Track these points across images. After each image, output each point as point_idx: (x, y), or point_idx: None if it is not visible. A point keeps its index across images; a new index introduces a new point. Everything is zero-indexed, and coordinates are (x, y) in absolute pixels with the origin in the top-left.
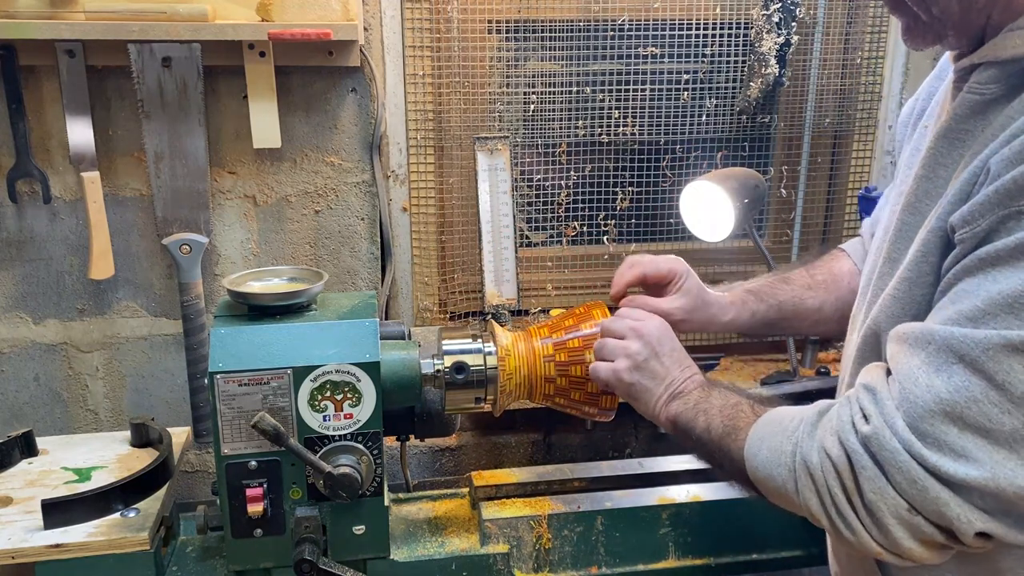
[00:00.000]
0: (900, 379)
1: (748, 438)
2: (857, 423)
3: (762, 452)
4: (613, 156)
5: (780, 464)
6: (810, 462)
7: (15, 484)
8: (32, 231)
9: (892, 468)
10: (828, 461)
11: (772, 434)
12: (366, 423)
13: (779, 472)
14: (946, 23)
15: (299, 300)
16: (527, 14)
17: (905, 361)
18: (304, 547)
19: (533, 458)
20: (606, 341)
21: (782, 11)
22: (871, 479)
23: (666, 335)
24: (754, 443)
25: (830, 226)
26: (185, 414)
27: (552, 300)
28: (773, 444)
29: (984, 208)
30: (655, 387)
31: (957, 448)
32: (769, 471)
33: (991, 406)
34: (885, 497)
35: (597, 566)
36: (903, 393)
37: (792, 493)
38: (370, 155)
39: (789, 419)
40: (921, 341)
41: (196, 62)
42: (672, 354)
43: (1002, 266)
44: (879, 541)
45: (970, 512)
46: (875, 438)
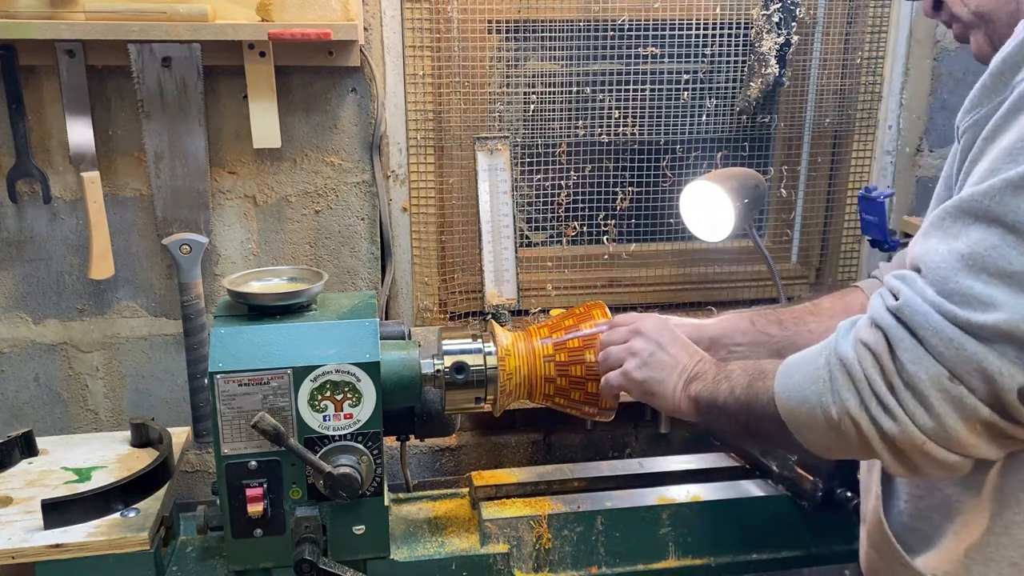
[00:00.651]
0: (921, 261)
1: (777, 375)
2: (888, 302)
3: (793, 379)
4: (613, 156)
5: (813, 380)
6: (846, 357)
7: (15, 484)
8: (32, 231)
9: (927, 332)
10: (864, 349)
11: (803, 360)
12: (366, 423)
13: (812, 390)
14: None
15: (299, 300)
16: (527, 14)
17: (922, 246)
18: (304, 547)
19: (533, 458)
20: (609, 350)
21: (782, 11)
22: (909, 349)
23: (665, 328)
24: (783, 376)
25: (830, 226)
26: (185, 414)
27: (552, 300)
28: (805, 367)
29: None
30: (668, 377)
31: (984, 298)
32: (802, 394)
33: (1010, 249)
34: (925, 366)
35: (597, 566)
36: (927, 268)
37: (828, 405)
38: (370, 155)
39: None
40: (935, 222)
41: (196, 62)
42: (676, 343)
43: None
44: (924, 426)
45: (1009, 365)
46: (906, 307)
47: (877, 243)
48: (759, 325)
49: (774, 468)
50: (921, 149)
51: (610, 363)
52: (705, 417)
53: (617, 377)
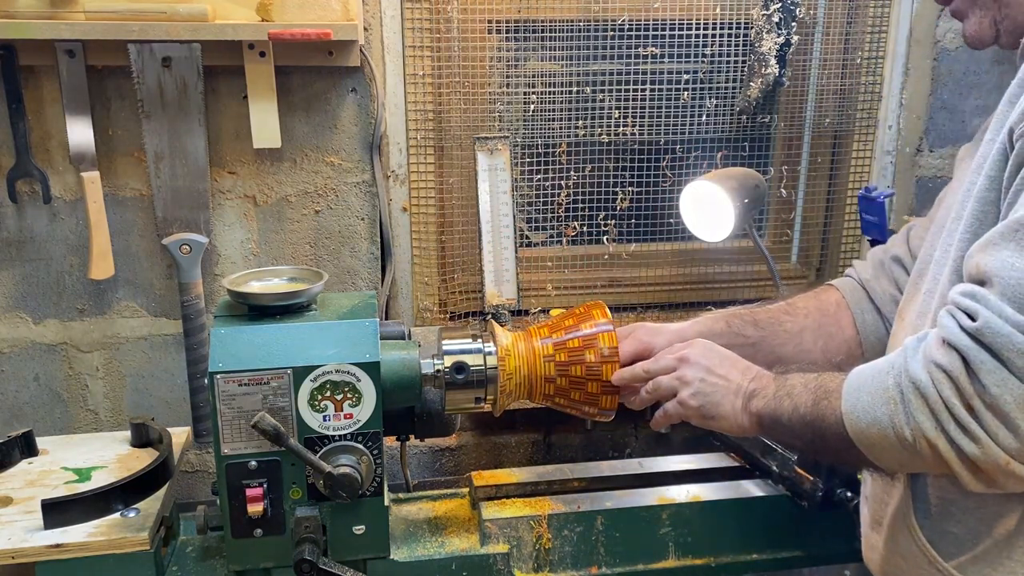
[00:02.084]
0: (993, 276)
1: (843, 395)
2: (964, 323)
3: (862, 399)
4: (613, 156)
5: (883, 401)
6: (919, 381)
7: (15, 484)
8: (32, 231)
9: (1011, 354)
10: (940, 372)
11: (869, 378)
12: (366, 423)
13: (883, 411)
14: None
15: (299, 300)
16: (527, 14)
17: (994, 259)
18: (304, 547)
19: (533, 458)
20: (659, 380)
21: (782, 11)
22: (991, 372)
23: (712, 350)
24: (850, 396)
25: (830, 226)
26: (185, 414)
27: (552, 300)
28: (873, 386)
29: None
30: (724, 399)
31: None
32: (872, 415)
33: None
34: (1010, 388)
35: (597, 566)
36: (1002, 284)
37: (901, 427)
38: (370, 155)
39: (884, 361)
40: (1005, 235)
41: (196, 62)
42: (724, 363)
43: None
44: (1007, 445)
45: None
46: (986, 329)
47: (877, 243)
48: (734, 327)
49: (774, 468)
50: (921, 149)
51: (661, 393)
52: (769, 433)
53: (674, 407)
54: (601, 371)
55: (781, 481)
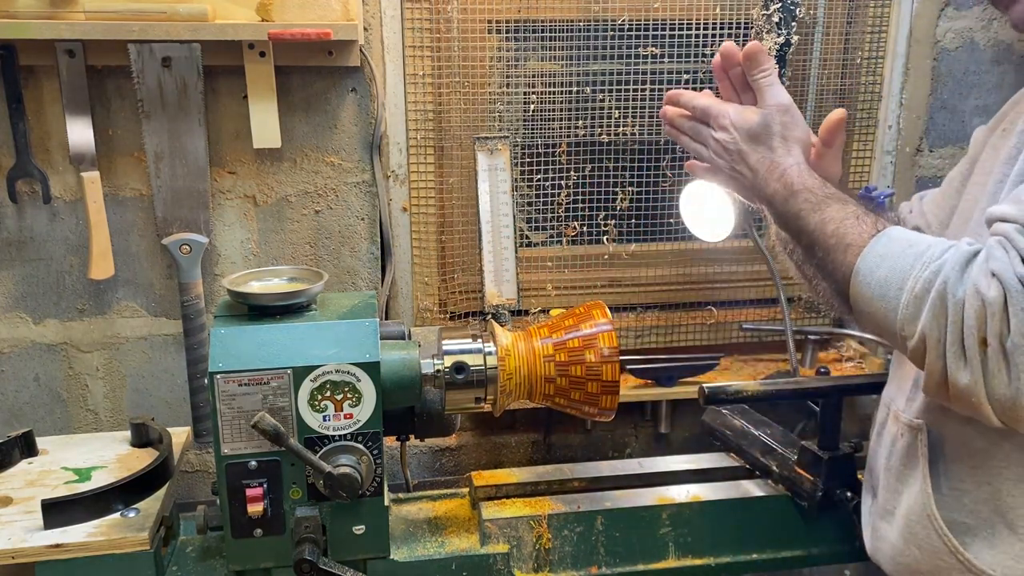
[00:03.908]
0: None
1: (864, 252)
2: (1015, 264)
3: (881, 270)
4: (613, 156)
5: (903, 287)
6: (953, 295)
7: (15, 484)
8: (32, 231)
9: None
10: (978, 299)
11: (899, 254)
12: (366, 423)
13: (896, 295)
14: None
15: (299, 300)
16: (527, 14)
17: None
18: (304, 547)
19: (533, 458)
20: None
21: (782, 11)
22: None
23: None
24: (872, 259)
25: None
26: (185, 414)
27: (552, 300)
28: (899, 265)
29: None
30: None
31: None
32: (884, 291)
33: None
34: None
35: (597, 566)
36: None
37: (907, 320)
38: (370, 155)
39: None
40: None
41: (196, 62)
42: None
43: None
44: (995, 388)
45: None
46: None
47: None
48: None
49: (774, 468)
50: (921, 149)
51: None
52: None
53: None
54: (601, 371)
55: (781, 481)
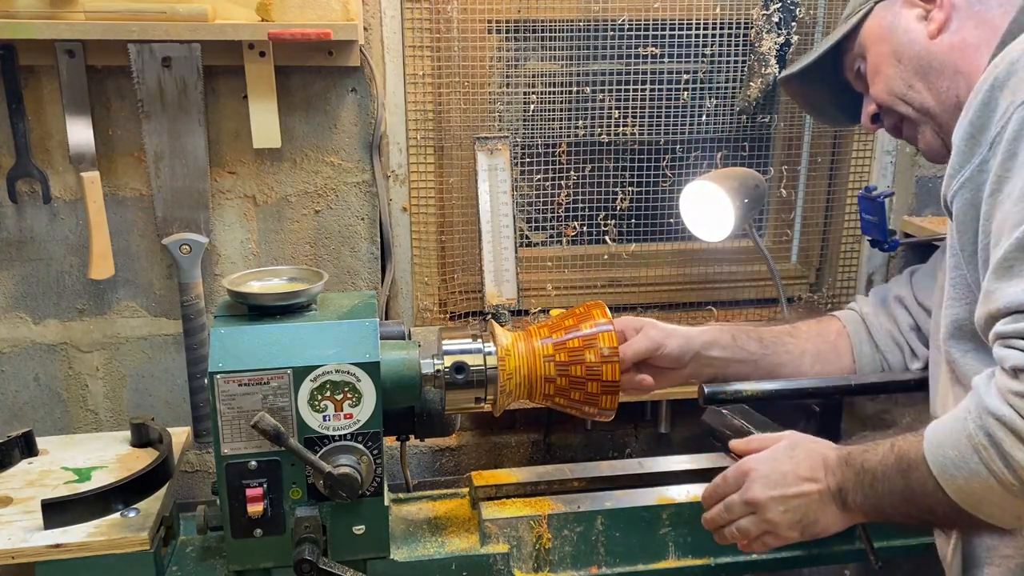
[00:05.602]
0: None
1: (928, 459)
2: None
3: (948, 455)
4: (613, 156)
5: (972, 450)
6: (1003, 416)
7: (15, 484)
8: (32, 231)
9: None
10: (1020, 399)
11: (948, 432)
12: (366, 423)
13: (976, 460)
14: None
15: (299, 300)
16: (527, 14)
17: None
18: (304, 547)
19: (533, 458)
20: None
21: (782, 11)
22: None
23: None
24: (936, 456)
25: (830, 226)
26: (185, 414)
27: (552, 300)
28: (956, 440)
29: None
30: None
31: None
32: (967, 467)
33: None
34: None
35: (597, 566)
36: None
37: (1002, 471)
38: (370, 155)
39: (956, 410)
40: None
41: (196, 62)
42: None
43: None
44: None
45: None
46: None
47: (877, 243)
48: (739, 341)
49: None
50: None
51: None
52: (877, 521)
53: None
54: (601, 371)
55: None
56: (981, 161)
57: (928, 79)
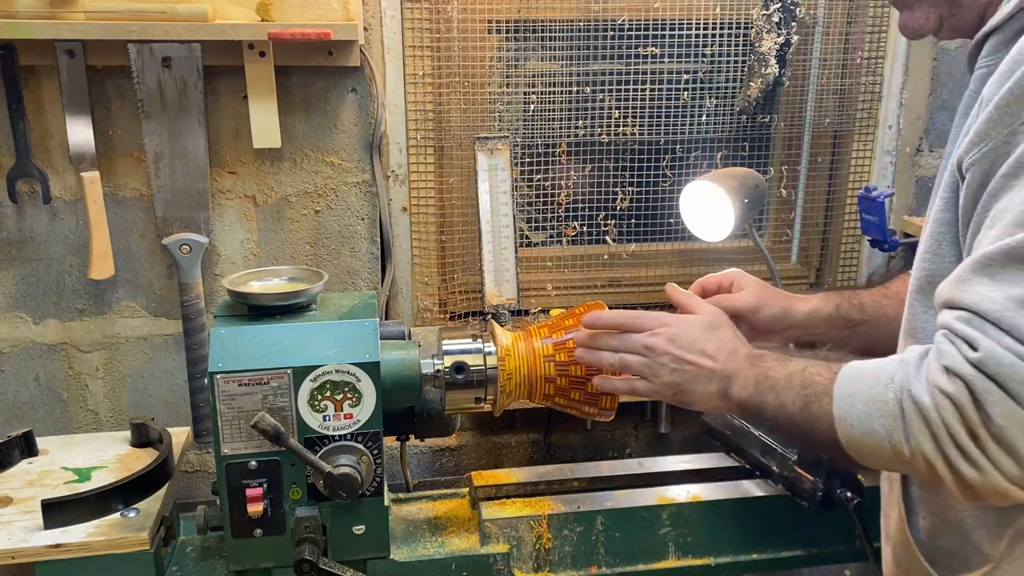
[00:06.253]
0: (977, 308)
1: (834, 399)
2: (965, 352)
3: (856, 408)
4: (613, 156)
5: (882, 415)
6: (922, 403)
7: (15, 484)
8: (32, 231)
9: (1016, 384)
10: (944, 399)
11: (865, 387)
12: (366, 423)
13: (881, 424)
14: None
15: (299, 300)
16: (527, 14)
17: (970, 293)
18: (304, 547)
19: (533, 458)
20: (627, 360)
21: (782, 11)
22: (997, 402)
23: (684, 329)
24: (844, 402)
25: (830, 226)
26: (185, 414)
27: (552, 300)
28: (870, 396)
29: (986, 127)
30: (698, 385)
31: None
32: (868, 426)
33: None
34: (1016, 418)
35: (597, 566)
36: (990, 316)
37: (900, 443)
38: (370, 155)
39: (880, 370)
40: (976, 270)
41: (196, 62)
42: (695, 345)
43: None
44: (1009, 472)
45: None
46: (990, 359)
47: (877, 243)
48: (842, 310)
49: (774, 468)
50: (921, 149)
51: (630, 371)
52: (750, 421)
53: (645, 386)
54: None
55: (781, 481)
56: (1010, 133)
57: None
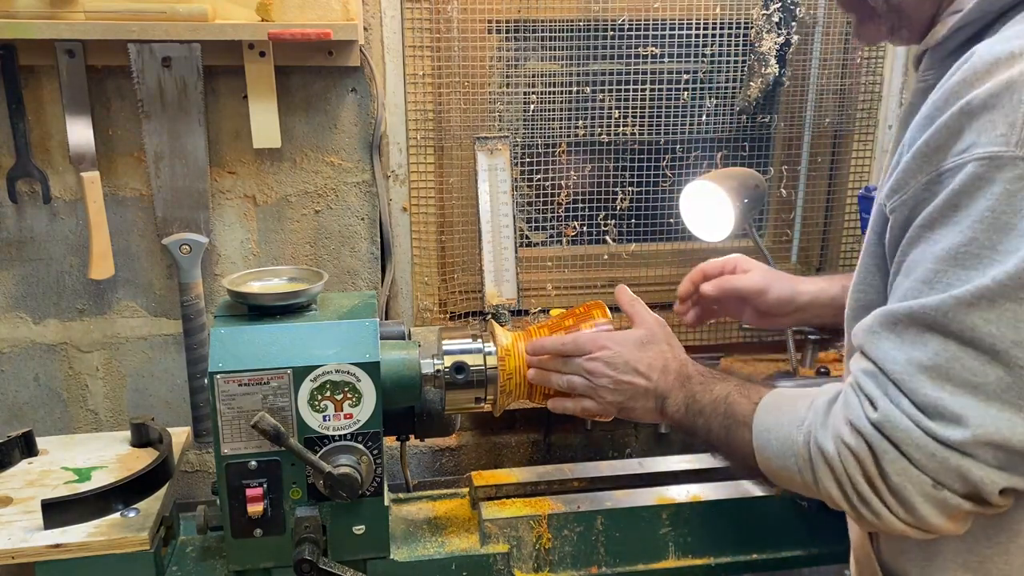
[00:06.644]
0: (880, 364)
1: (753, 431)
2: (866, 410)
3: (772, 444)
4: (613, 156)
5: (793, 454)
6: (827, 451)
7: (15, 484)
8: (32, 231)
9: (910, 447)
10: (847, 450)
11: (778, 424)
12: (366, 423)
13: (793, 463)
14: (901, 14)
15: (299, 300)
16: (527, 14)
17: (877, 348)
18: (304, 547)
19: (533, 458)
20: (573, 382)
21: (782, 11)
22: (893, 461)
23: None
24: (761, 435)
25: (830, 226)
26: (185, 414)
27: (552, 300)
28: (782, 435)
29: (907, 175)
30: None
31: (956, 409)
32: (783, 462)
33: (971, 361)
34: (910, 477)
35: (597, 566)
36: (891, 374)
37: (810, 482)
38: (370, 155)
39: (793, 408)
40: (885, 323)
41: (196, 62)
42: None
43: (937, 227)
44: (906, 520)
45: (992, 473)
46: (887, 422)
47: None
48: None
49: None
50: None
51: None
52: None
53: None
54: None
55: None
56: (928, 182)
57: None
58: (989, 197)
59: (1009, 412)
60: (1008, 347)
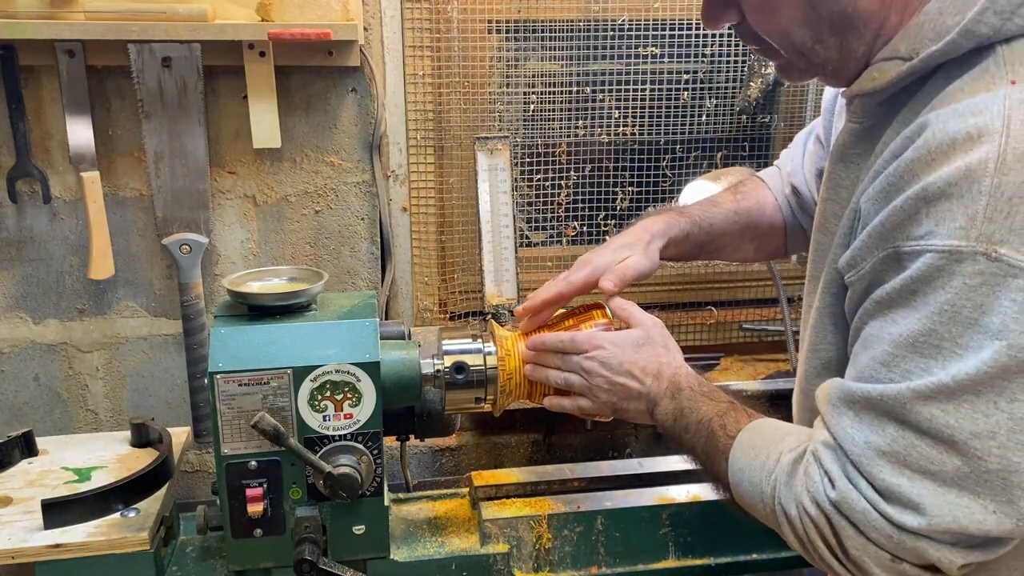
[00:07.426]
0: (839, 441)
1: (729, 467)
2: (825, 487)
3: (743, 484)
4: (613, 156)
5: (761, 502)
6: (789, 513)
7: (15, 484)
8: (32, 231)
9: (867, 528)
10: (807, 518)
11: (751, 468)
12: (366, 423)
13: (761, 508)
14: (826, 67)
15: (299, 300)
16: (527, 14)
17: (837, 424)
18: (304, 547)
19: (533, 458)
20: (570, 380)
21: None
22: (851, 537)
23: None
24: (735, 473)
25: None
26: (185, 414)
27: None
28: (754, 478)
29: (863, 251)
30: (630, 404)
31: (913, 497)
32: (752, 502)
33: (929, 450)
34: (868, 552)
35: (597, 566)
36: (849, 454)
37: (775, 527)
38: (370, 155)
39: (766, 454)
40: (845, 399)
41: (196, 62)
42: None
43: (896, 307)
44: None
45: (949, 552)
46: (845, 503)
47: None
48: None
49: None
50: None
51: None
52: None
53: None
54: None
55: None
56: (886, 257)
57: (845, 37)
58: (948, 291)
59: (967, 498)
60: (966, 438)
